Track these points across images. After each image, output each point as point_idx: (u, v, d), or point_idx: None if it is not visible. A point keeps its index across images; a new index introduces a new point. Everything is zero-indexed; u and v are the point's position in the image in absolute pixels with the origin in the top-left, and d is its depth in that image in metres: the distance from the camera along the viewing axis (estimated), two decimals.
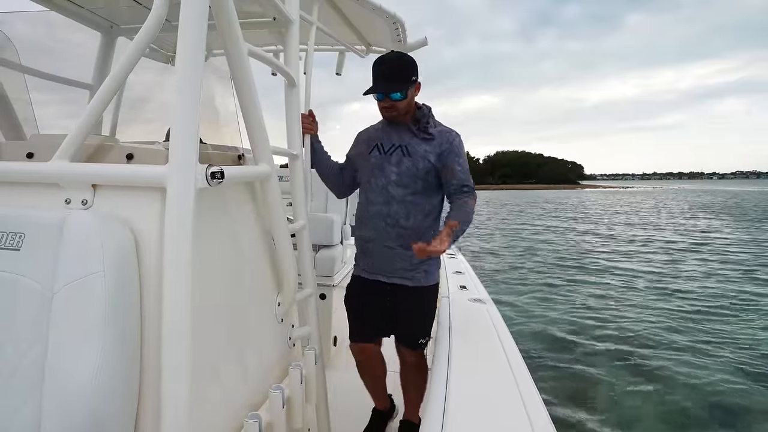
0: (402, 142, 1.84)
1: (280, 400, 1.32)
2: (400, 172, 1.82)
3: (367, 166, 1.92)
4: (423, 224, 1.85)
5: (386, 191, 1.84)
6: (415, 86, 1.80)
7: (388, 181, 1.84)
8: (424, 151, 1.80)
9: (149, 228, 0.98)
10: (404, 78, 1.76)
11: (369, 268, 1.96)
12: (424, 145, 1.81)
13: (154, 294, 0.96)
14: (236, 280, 1.29)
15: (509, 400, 1.26)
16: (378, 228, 1.87)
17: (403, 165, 1.82)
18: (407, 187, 1.82)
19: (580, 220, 20.59)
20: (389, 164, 1.84)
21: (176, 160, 0.91)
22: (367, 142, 1.95)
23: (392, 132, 1.87)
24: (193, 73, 0.92)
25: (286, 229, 1.46)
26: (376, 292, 1.94)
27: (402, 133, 1.85)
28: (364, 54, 2.79)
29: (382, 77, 1.77)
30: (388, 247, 1.86)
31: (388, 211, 1.84)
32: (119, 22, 1.98)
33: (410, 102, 1.82)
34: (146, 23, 0.97)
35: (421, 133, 1.82)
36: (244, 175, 1.31)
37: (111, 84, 1.00)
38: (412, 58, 1.82)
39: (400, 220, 1.83)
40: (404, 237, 1.84)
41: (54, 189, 1.00)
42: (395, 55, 1.85)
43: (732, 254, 11.60)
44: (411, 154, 1.81)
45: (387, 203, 1.84)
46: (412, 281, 1.89)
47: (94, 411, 0.84)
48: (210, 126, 1.51)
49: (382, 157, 1.86)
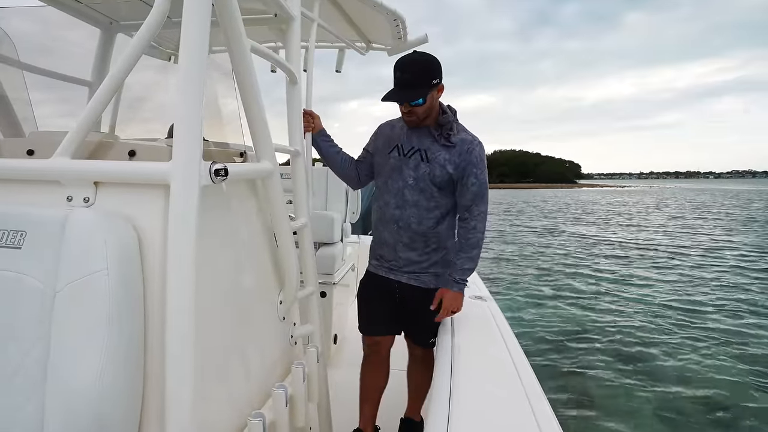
0: (422, 146, 1.80)
1: (283, 398, 1.32)
2: (417, 177, 1.79)
3: (385, 166, 1.89)
4: (435, 229, 1.85)
5: (402, 194, 1.82)
6: (436, 89, 1.73)
7: (404, 184, 1.81)
8: (443, 159, 1.77)
9: (152, 225, 0.97)
10: (424, 82, 1.69)
11: (381, 266, 1.98)
12: (443, 152, 1.77)
13: (157, 292, 0.95)
14: (238, 279, 1.28)
15: (513, 397, 1.26)
16: (391, 230, 1.88)
17: (420, 170, 1.79)
18: (423, 192, 1.80)
19: (576, 221, 20.57)
20: (407, 167, 1.81)
21: (180, 157, 0.91)
22: (389, 140, 1.91)
23: (413, 134, 1.82)
24: (196, 70, 0.91)
25: (288, 226, 1.45)
26: (386, 289, 1.97)
27: (423, 137, 1.81)
28: (364, 51, 2.78)
29: (401, 82, 1.70)
30: (400, 248, 1.88)
31: (401, 215, 1.83)
32: (119, 19, 1.96)
33: (431, 106, 1.75)
34: (148, 19, 0.96)
35: (442, 139, 1.78)
36: (247, 173, 1.30)
37: (112, 81, 0.99)
38: (434, 59, 1.74)
39: (412, 224, 1.82)
40: (415, 241, 1.85)
41: (55, 186, 0.99)
42: (415, 56, 1.75)
43: (735, 257, 11.59)
44: (429, 160, 1.78)
45: (401, 207, 1.83)
46: (420, 283, 1.90)
47: (98, 412, 0.83)
48: (212, 123, 1.50)
49: (401, 159, 1.83)
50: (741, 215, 22.77)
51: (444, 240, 1.88)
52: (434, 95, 1.74)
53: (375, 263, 2.02)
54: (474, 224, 1.79)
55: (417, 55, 1.76)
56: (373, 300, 2.02)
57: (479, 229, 1.79)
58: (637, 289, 8.12)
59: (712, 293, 7.83)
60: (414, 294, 1.91)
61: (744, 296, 7.61)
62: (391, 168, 1.87)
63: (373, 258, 2.04)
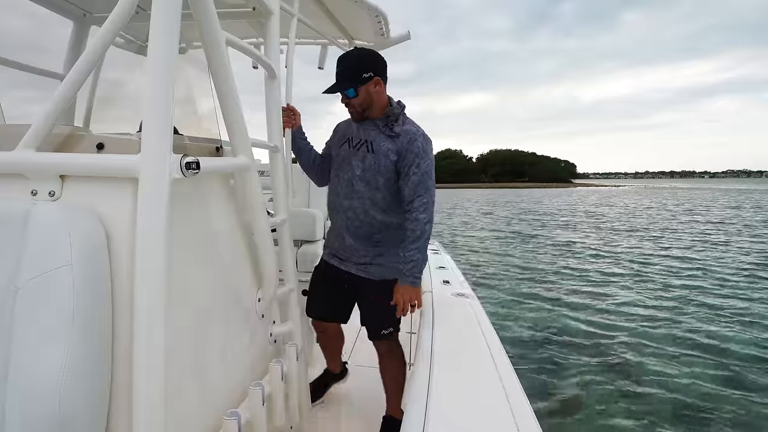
0: (368, 137, 1.85)
1: (259, 397, 1.30)
2: (364, 168, 1.84)
3: (337, 158, 1.97)
4: (382, 220, 1.88)
5: (350, 185, 1.87)
6: (370, 82, 1.78)
7: (353, 175, 1.86)
8: (386, 149, 1.81)
9: (121, 220, 0.95)
10: (355, 75, 1.77)
11: (333, 256, 2.03)
12: (387, 142, 1.82)
13: (126, 288, 0.93)
14: (213, 275, 1.26)
15: (492, 394, 1.25)
16: (341, 220, 1.93)
17: (367, 161, 1.84)
18: (369, 183, 1.84)
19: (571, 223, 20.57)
20: (355, 159, 1.86)
21: (149, 149, 0.89)
22: (343, 135, 1.98)
23: (361, 127, 1.88)
24: (165, 60, 0.90)
25: (266, 223, 1.43)
26: (335, 277, 2.01)
27: (369, 129, 1.86)
28: (347, 47, 2.77)
29: (336, 75, 1.80)
30: (348, 238, 1.92)
31: (349, 205, 1.88)
32: (92, 11, 1.91)
33: (367, 99, 1.80)
34: (116, 9, 0.95)
35: (387, 129, 1.83)
36: (222, 167, 1.28)
37: (78, 72, 0.97)
38: (370, 55, 1.84)
39: (359, 214, 1.87)
40: (363, 231, 1.89)
41: (20, 180, 0.96)
42: (352, 52, 1.89)
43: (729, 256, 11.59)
44: (374, 150, 1.83)
45: (349, 197, 1.87)
46: (367, 274, 1.93)
47: (59, 411, 0.81)
48: (188, 117, 1.48)
49: (350, 151, 1.88)
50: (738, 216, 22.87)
51: (392, 231, 1.89)
52: (369, 89, 1.79)
53: (327, 252, 2.08)
54: (416, 215, 1.78)
55: (354, 51, 1.88)
56: (321, 286, 2.09)
57: (423, 219, 1.78)
58: (621, 291, 8.06)
59: (697, 297, 7.82)
60: (362, 285, 1.94)
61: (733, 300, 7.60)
62: (341, 159, 1.93)
63: (326, 246, 2.10)
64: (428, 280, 2.55)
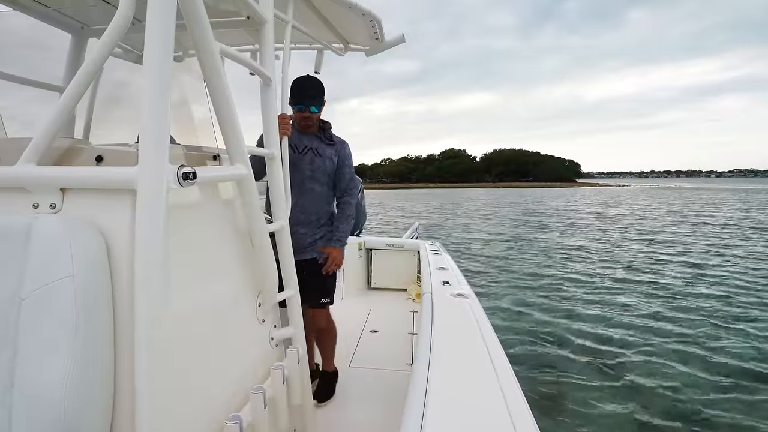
0: (312, 145, 2.31)
1: (261, 400, 1.31)
2: (313, 169, 2.29)
3: None
4: (326, 209, 2.38)
5: (302, 185, 2.27)
6: (324, 104, 2.29)
7: (303, 176, 2.27)
8: (330, 153, 2.34)
9: (121, 231, 0.97)
10: (320, 96, 2.24)
11: None
12: (328, 149, 2.34)
13: (127, 298, 0.95)
14: (212, 282, 1.28)
15: (491, 395, 1.25)
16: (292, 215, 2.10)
17: (315, 163, 2.30)
18: (318, 181, 2.31)
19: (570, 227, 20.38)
20: (303, 162, 2.28)
21: (146, 160, 0.91)
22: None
23: (303, 137, 2.31)
24: (161, 72, 0.91)
25: (264, 229, 1.45)
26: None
27: (312, 139, 2.32)
28: (342, 52, 2.78)
29: (308, 95, 2.21)
30: (299, 230, 2.25)
31: (298, 201, 2.21)
32: (90, 23, 1.94)
33: (319, 116, 2.31)
34: (113, 22, 0.96)
35: (326, 139, 2.34)
36: (219, 176, 1.30)
37: (78, 84, 0.99)
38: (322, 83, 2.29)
39: (307, 207, 2.30)
40: (311, 220, 2.32)
41: (21, 193, 0.98)
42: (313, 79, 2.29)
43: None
44: (321, 154, 2.31)
45: (300, 194, 2.23)
46: (311, 254, 2.34)
47: (65, 420, 0.83)
48: (185, 127, 1.50)
49: (296, 156, 2.26)
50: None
51: (329, 216, 2.40)
52: (322, 109, 2.29)
53: None
54: (347, 199, 2.40)
55: (315, 78, 2.31)
56: None
57: (352, 204, 2.40)
58: (624, 295, 7.96)
59: (703, 296, 7.75)
60: (309, 265, 2.30)
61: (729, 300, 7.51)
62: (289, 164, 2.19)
63: None
64: (428, 281, 2.56)
